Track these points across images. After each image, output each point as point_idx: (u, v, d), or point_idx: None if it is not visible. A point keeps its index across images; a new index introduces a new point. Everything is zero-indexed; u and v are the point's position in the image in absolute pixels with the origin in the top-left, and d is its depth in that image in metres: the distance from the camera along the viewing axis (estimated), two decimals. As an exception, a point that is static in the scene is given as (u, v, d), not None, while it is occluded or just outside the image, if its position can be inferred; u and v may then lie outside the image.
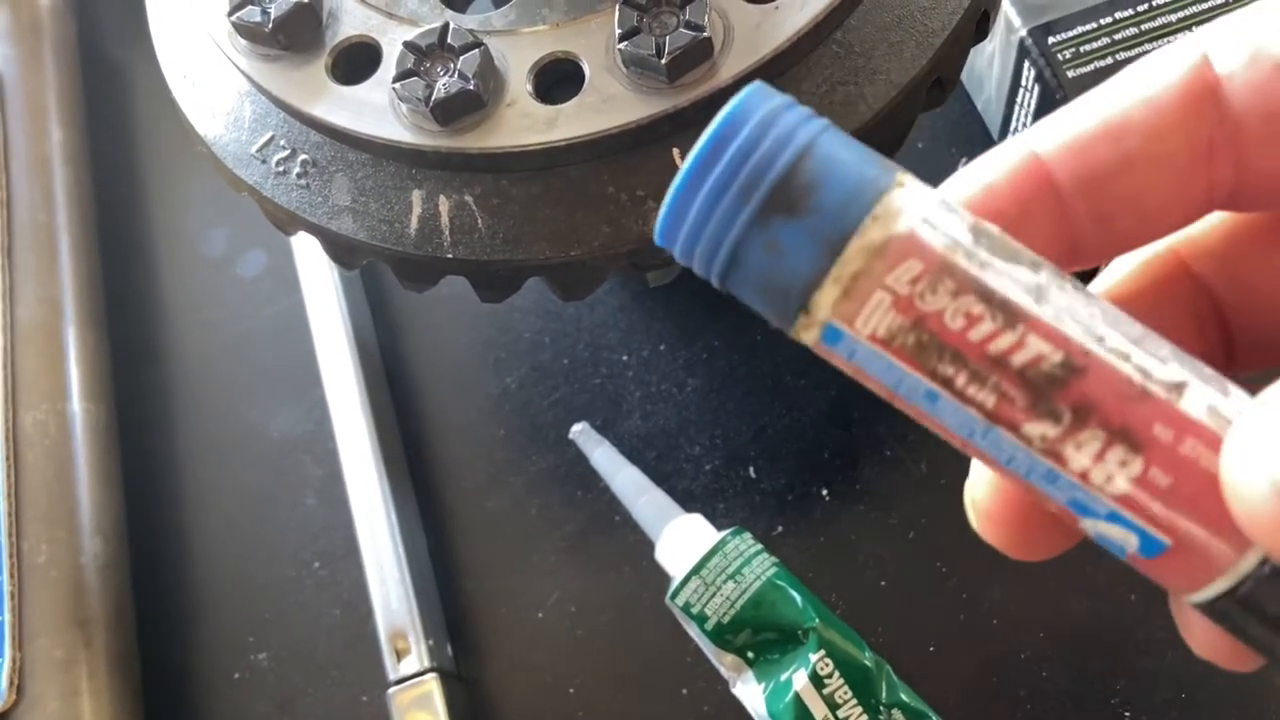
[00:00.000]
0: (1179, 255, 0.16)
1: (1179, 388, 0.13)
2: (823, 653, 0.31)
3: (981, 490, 0.16)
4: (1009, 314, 0.13)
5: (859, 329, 0.13)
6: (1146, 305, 0.16)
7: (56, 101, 0.47)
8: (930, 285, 0.13)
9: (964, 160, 0.41)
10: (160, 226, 0.47)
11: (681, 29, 0.24)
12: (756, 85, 0.14)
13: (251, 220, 0.45)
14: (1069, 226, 0.15)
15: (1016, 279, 0.13)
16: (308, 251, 0.42)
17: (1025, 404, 0.13)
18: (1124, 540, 0.13)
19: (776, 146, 0.13)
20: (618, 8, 0.24)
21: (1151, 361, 0.13)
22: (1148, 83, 0.14)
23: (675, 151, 0.25)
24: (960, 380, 0.13)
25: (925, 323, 0.13)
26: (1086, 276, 0.16)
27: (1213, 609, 0.14)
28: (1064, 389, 0.13)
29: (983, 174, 0.15)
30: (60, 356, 0.41)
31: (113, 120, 0.50)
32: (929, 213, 0.13)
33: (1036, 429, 0.13)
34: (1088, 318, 0.13)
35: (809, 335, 0.14)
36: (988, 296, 0.13)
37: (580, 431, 0.37)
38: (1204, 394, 0.13)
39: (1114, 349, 0.13)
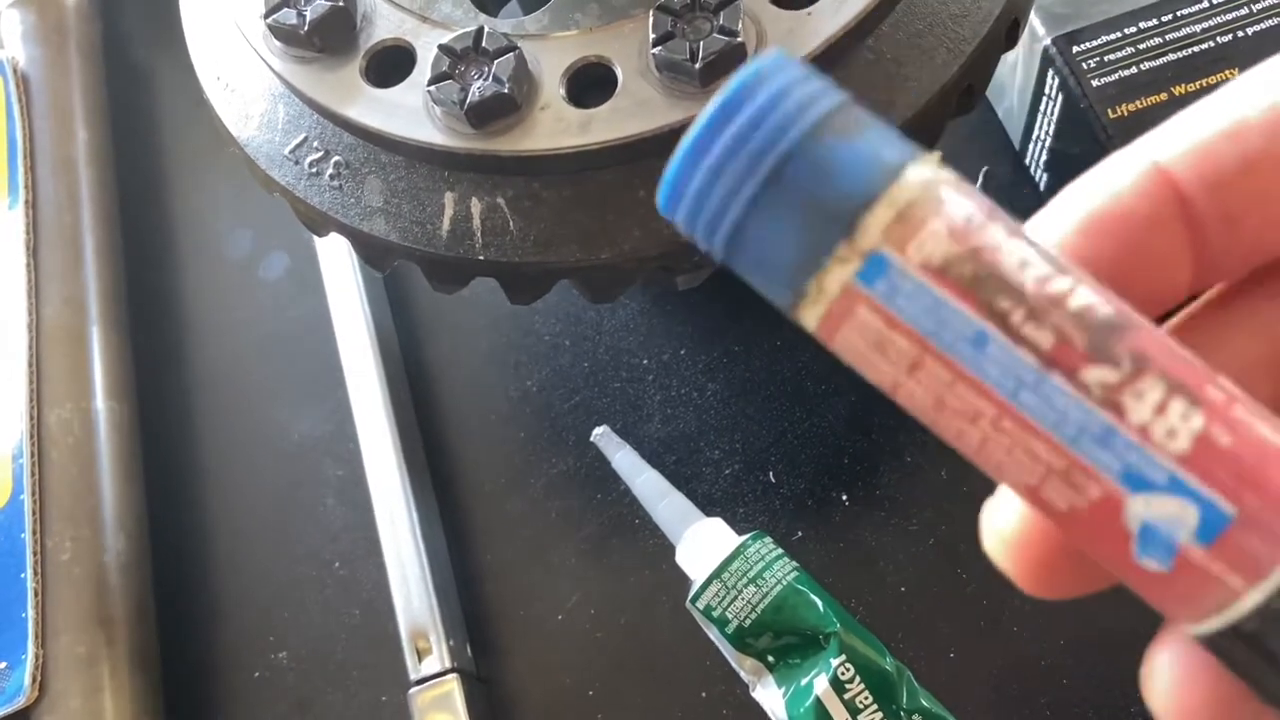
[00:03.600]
0: (1167, 174, 0.15)
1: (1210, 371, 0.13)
2: (844, 658, 0.31)
3: (1007, 516, 0.15)
4: (1058, 265, 0.12)
5: (910, 255, 0.12)
6: (1136, 219, 0.14)
7: (82, 102, 0.47)
8: (984, 224, 0.12)
9: (985, 169, 0.41)
10: (184, 227, 0.47)
11: (715, 34, 0.24)
12: (775, 52, 0.13)
13: (275, 222, 0.45)
14: (1198, 232, 0.14)
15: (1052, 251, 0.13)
16: (331, 253, 0.42)
17: (1084, 346, 0.12)
18: (1181, 518, 0.12)
19: (787, 116, 0.12)
20: (652, 13, 0.24)
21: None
22: (1266, 84, 0.14)
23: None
24: (1018, 316, 0.12)
25: (983, 253, 0.12)
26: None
27: (1263, 616, 0.12)
28: (1122, 335, 0.12)
29: (1106, 182, 0.14)
30: (84, 356, 0.41)
31: (137, 121, 0.50)
32: (975, 188, 0.13)
33: (1096, 375, 0.12)
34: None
35: (842, 273, 0.12)
36: (1036, 246, 0.13)
37: (601, 434, 0.37)
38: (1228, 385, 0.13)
39: (1152, 328, 0.13)
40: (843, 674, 0.31)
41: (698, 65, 0.24)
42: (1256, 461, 0.12)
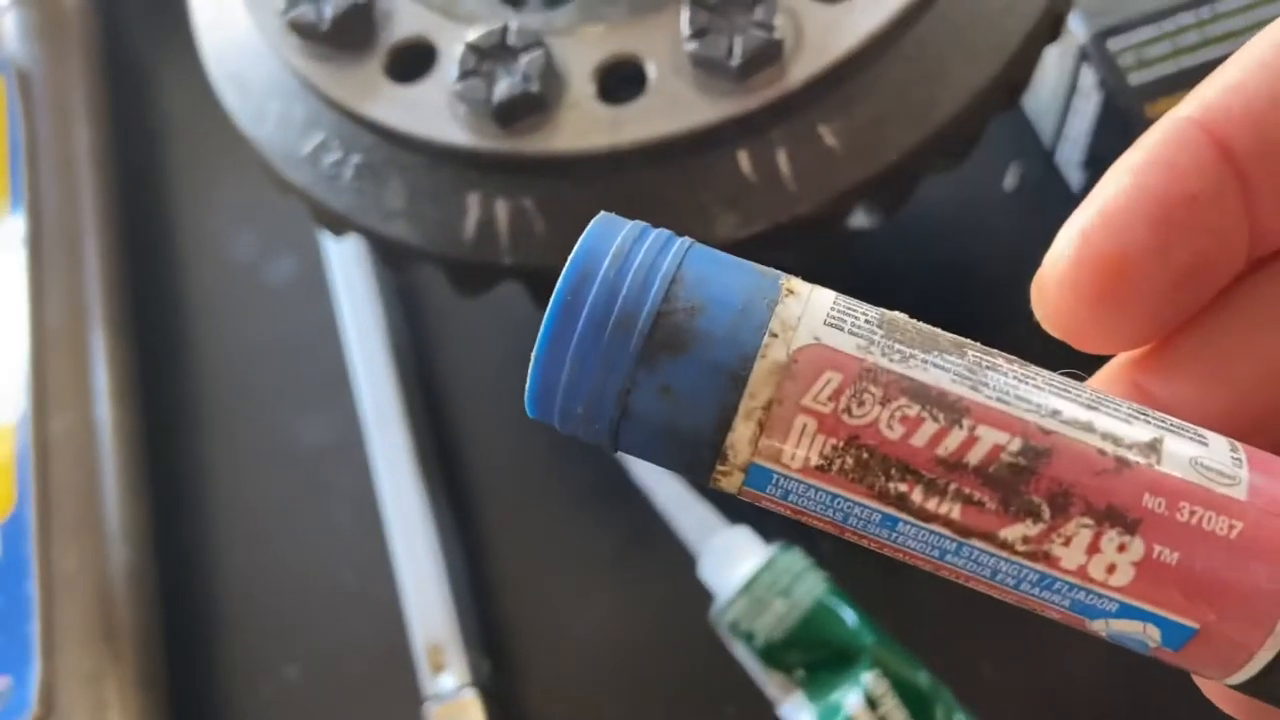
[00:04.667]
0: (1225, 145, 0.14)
1: (1154, 447, 0.12)
2: (877, 673, 0.30)
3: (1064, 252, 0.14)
4: (949, 408, 0.11)
5: (788, 463, 0.12)
6: (1179, 174, 0.13)
7: (83, 101, 0.46)
8: (855, 396, 0.11)
9: (1013, 164, 0.40)
10: (188, 230, 0.46)
11: (752, 29, 0.23)
12: (601, 216, 0.13)
13: (281, 224, 0.44)
14: (1256, 202, 0.13)
15: (944, 367, 0.12)
16: (340, 256, 0.41)
17: (995, 506, 0.11)
18: (1144, 635, 0.12)
19: (642, 276, 0.12)
20: (687, 7, 0.23)
21: (1116, 424, 0.12)
22: None
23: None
24: (916, 495, 0.11)
25: (860, 438, 0.11)
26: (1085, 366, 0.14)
27: (1264, 683, 0.12)
28: (1033, 478, 0.11)
29: (1158, 154, 0.13)
30: (87, 362, 0.40)
31: (139, 121, 0.49)
32: (830, 315, 0.12)
33: (1015, 531, 0.11)
34: (1033, 393, 0.12)
35: (731, 483, 0.12)
36: (921, 394, 0.11)
37: (621, 442, 0.36)
38: (1181, 448, 0.12)
39: (1072, 420, 0.12)
40: (876, 691, 0.30)
41: (734, 62, 0.23)
42: (1209, 568, 0.11)
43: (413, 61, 0.25)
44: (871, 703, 0.30)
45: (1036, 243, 0.44)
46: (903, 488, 0.11)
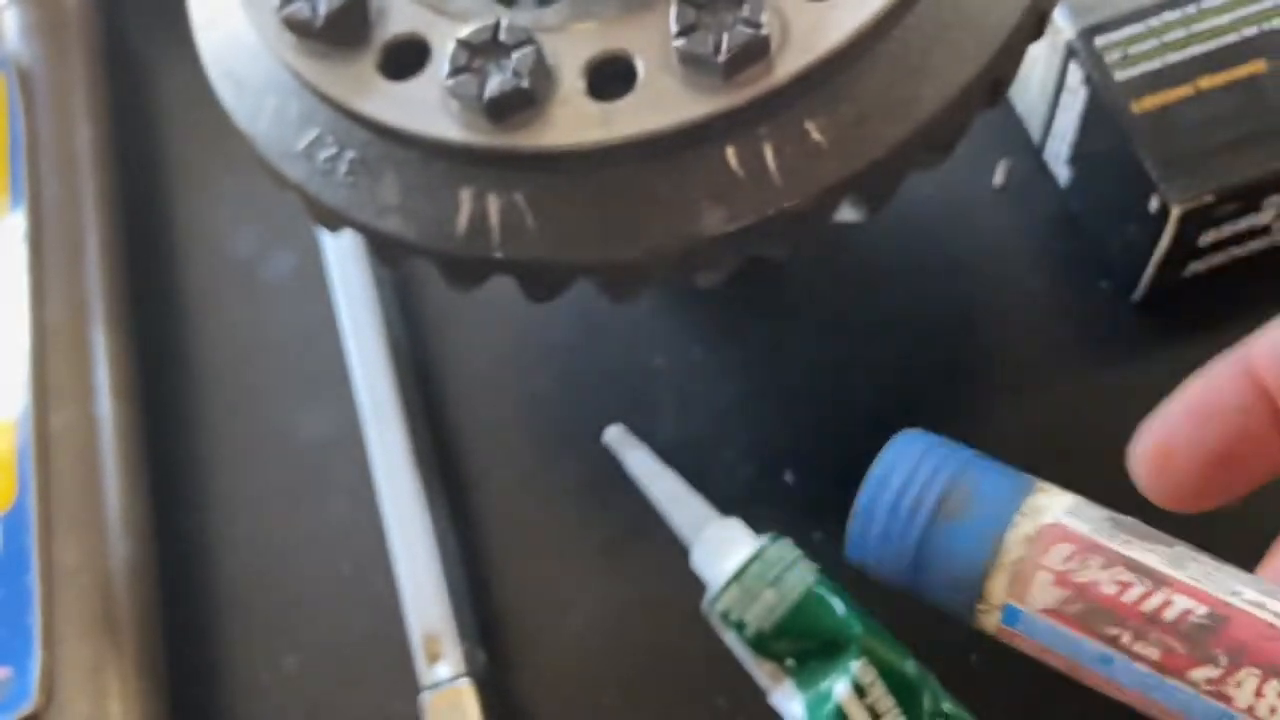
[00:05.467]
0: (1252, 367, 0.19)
1: None
2: (865, 662, 0.31)
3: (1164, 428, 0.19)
4: (1154, 579, 0.16)
5: (1030, 604, 0.16)
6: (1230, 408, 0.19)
7: (84, 98, 0.46)
8: (1082, 561, 0.16)
9: (1002, 161, 0.40)
10: (188, 226, 0.47)
11: (739, 26, 0.23)
12: (906, 433, 0.18)
13: (281, 220, 0.44)
14: None
15: (1155, 551, 0.16)
16: (338, 251, 0.42)
17: (1185, 652, 0.15)
18: None
19: (938, 469, 0.17)
20: (675, 4, 0.24)
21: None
22: None
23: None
24: (1125, 638, 0.16)
25: (1085, 592, 0.16)
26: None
27: None
28: (1215, 636, 0.15)
29: (1204, 373, 0.19)
30: (87, 358, 0.41)
31: (140, 118, 0.50)
32: (1071, 507, 0.16)
33: (1200, 673, 0.15)
34: (1222, 579, 0.15)
35: (990, 620, 0.17)
36: (1133, 566, 0.16)
37: (614, 435, 0.36)
38: None
39: (1250, 601, 0.15)
40: (865, 679, 0.31)
41: (721, 58, 0.23)
42: None
43: (406, 58, 0.25)
44: (860, 691, 0.31)
45: (1025, 239, 0.45)
46: (1115, 631, 0.15)
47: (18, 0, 0.47)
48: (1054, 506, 0.16)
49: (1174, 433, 0.19)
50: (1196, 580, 0.15)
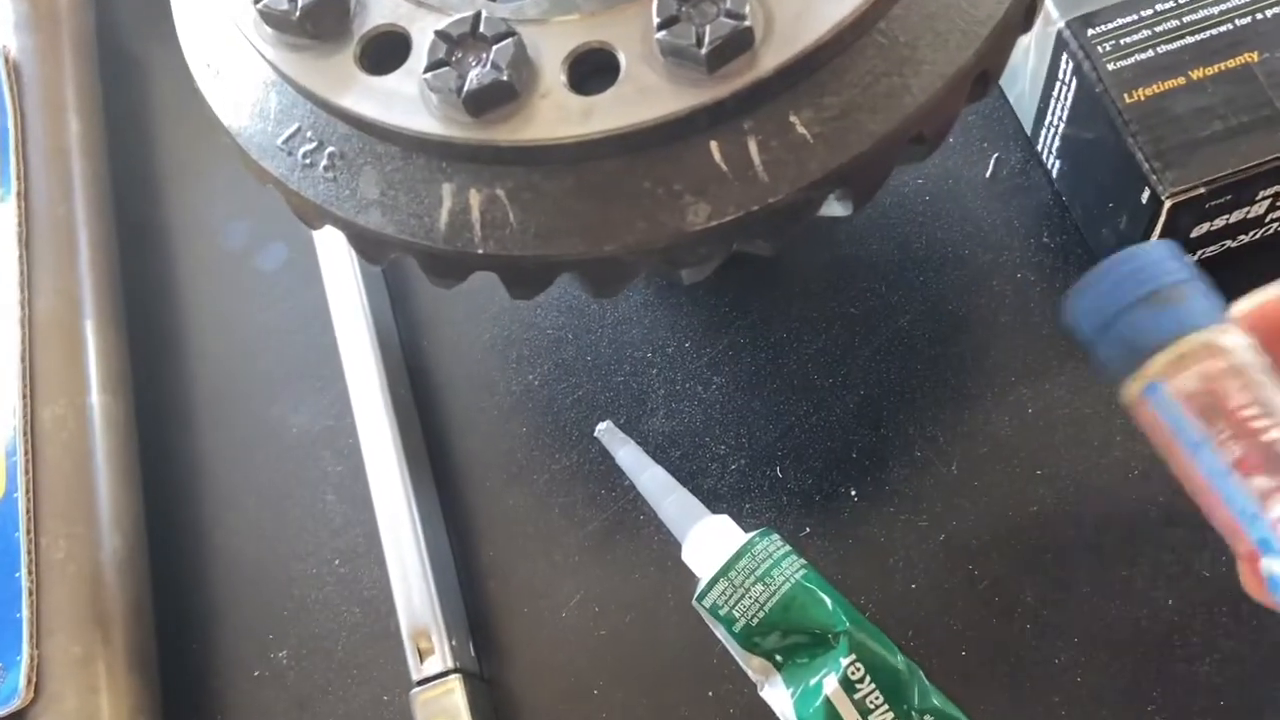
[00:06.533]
0: None
1: None
2: (854, 656, 0.31)
3: None
4: (1269, 409, 0.19)
5: (1173, 386, 0.19)
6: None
7: (74, 92, 0.46)
8: (1226, 375, 0.19)
9: (995, 155, 0.40)
10: (179, 219, 0.47)
11: (722, 18, 0.23)
12: (1167, 240, 0.21)
13: (272, 213, 0.44)
14: None
15: None
16: (329, 245, 0.42)
17: (1259, 462, 0.18)
18: None
19: (1180, 269, 0.20)
20: (656, -4, 0.24)
21: None
22: None
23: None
24: (1224, 435, 0.19)
25: (1215, 394, 0.19)
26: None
27: None
28: None
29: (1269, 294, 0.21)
30: (78, 350, 0.40)
31: (131, 111, 0.49)
32: (1243, 344, 0.19)
33: (1259, 482, 0.18)
34: None
35: (1135, 387, 0.20)
36: (1259, 396, 0.19)
37: (604, 430, 0.36)
38: None
39: None
40: (853, 673, 0.30)
41: (704, 51, 0.23)
42: None
43: (386, 51, 0.25)
44: (848, 684, 0.30)
45: (1016, 230, 0.44)
46: (1220, 427, 0.19)
47: (8, -7, 0.47)
48: (1231, 337, 0.19)
49: None
50: None
